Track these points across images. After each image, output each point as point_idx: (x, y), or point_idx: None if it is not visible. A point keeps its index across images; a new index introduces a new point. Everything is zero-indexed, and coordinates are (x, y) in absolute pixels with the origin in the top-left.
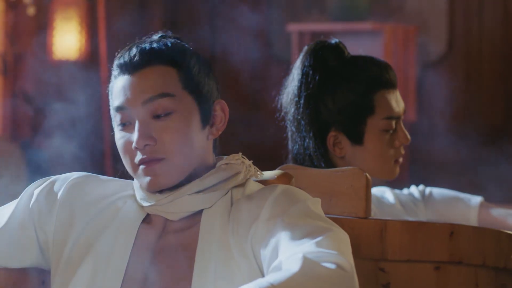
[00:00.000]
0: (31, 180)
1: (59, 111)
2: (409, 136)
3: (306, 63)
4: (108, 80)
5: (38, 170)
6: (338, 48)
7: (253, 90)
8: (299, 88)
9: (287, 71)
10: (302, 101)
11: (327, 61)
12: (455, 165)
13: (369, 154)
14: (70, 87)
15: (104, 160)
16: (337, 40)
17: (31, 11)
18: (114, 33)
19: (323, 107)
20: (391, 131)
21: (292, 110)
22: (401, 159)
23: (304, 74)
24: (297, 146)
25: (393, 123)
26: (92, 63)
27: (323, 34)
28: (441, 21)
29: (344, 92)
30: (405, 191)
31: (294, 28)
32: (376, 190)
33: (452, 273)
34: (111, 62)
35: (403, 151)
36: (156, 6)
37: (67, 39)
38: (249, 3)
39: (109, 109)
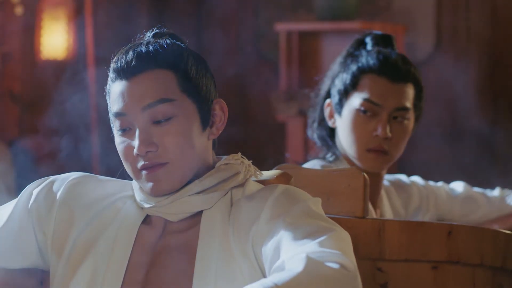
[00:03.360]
0: (19, 180)
1: (47, 111)
2: (388, 133)
3: (347, 48)
4: (101, 80)
5: (25, 170)
6: (385, 38)
7: (241, 89)
8: (335, 64)
9: (275, 70)
10: (329, 74)
11: (362, 45)
12: (444, 165)
13: (343, 127)
14: (58, 87)
15: (91, 160)
16: (390, 34)
17: (18, 10)
18: (101, 33)
19: (334, 80)
20: (368, 114)
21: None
22: (385, 156)
23: (342, 54)
24: (316, 117)
25: (371, 107)
26: (80, 63)
27: (311, 33)
28: (428, 20)
29: (345, 67)
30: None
31: (282, 27)
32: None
33: (450, 273)
34: (99, 62)
35: (384, 146)
36: (142, 5)
37: (55, 39)
38: (236, 2)
39: (97, 109)
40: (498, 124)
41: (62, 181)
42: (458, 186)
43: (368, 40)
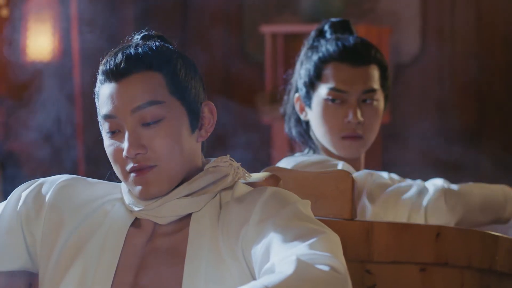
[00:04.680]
0: (4, 183)
1: (33, 113)
2: (359, 117)
3: (309, 37)
4: (87, 82)
5: (11, 173)
6: (342, 24)
7: (227, 91)
8: (299, 57)
9: (260, 72)
10: (296, 68)
11: (321, 35)
12: (429, 165)
13: (315, 119)
14: (44, 89)
15: (77, 162)
16: (346, 19)
17: (4, 12)
18: (87, 35)
19: (299, 73)
20: (336, 102)
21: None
22: (360, 140)
23: (305, 46)
24: (289, 113)
25: (338, 95)
26: (66, 64)
27: (296, 35)
28: (414, 21)
29: (308, 59)
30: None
31: (267, 29)
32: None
33: (438, 275)
34: (84, 63)
35: (357, 131)
36: (128, 7)
37: (41, 41)
38: (221, 3)
39: (82, 111)
40: (484, 126)
41: (51, 184)
42: (437, 182)
43: (326, 28)
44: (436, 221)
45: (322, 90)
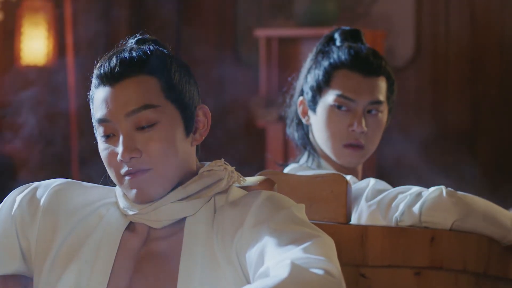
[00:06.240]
0: None
1: (26, 117)
2: (363, 127)
3: (318, 43)
4: (81, 86)
5: (4, 176)
6: (353, 33)
7: (221, 95)
8: (306, 62)
9: (255, 76)
10: (302, 72)
11: (331, 41)
12: (422, 169)
13: (317, 124)
14: (38, 93)
15: (71, 166)
16: (358, 29)
17: None
18: (81, 38)
19: (306, 77)
20: (342, 109)
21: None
22: (362, 150)
23: (313, 51)
24: (291, 116)
25: (345, 103)
26: (60, 68)
27: (290, 39)
28: (408, 26)
29: (317, 64)
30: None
31: (261, 33)
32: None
33: (433, 279)
34: (78, 67)
35: (360, 140)
36: (122, 12)
37: (35, 45)
38: (215, 7)
39: (76, 115)
40: (479, 128)
41: (46, 188)
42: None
43: (337, 35)
44: (434, 216)
45: (329, 96)
